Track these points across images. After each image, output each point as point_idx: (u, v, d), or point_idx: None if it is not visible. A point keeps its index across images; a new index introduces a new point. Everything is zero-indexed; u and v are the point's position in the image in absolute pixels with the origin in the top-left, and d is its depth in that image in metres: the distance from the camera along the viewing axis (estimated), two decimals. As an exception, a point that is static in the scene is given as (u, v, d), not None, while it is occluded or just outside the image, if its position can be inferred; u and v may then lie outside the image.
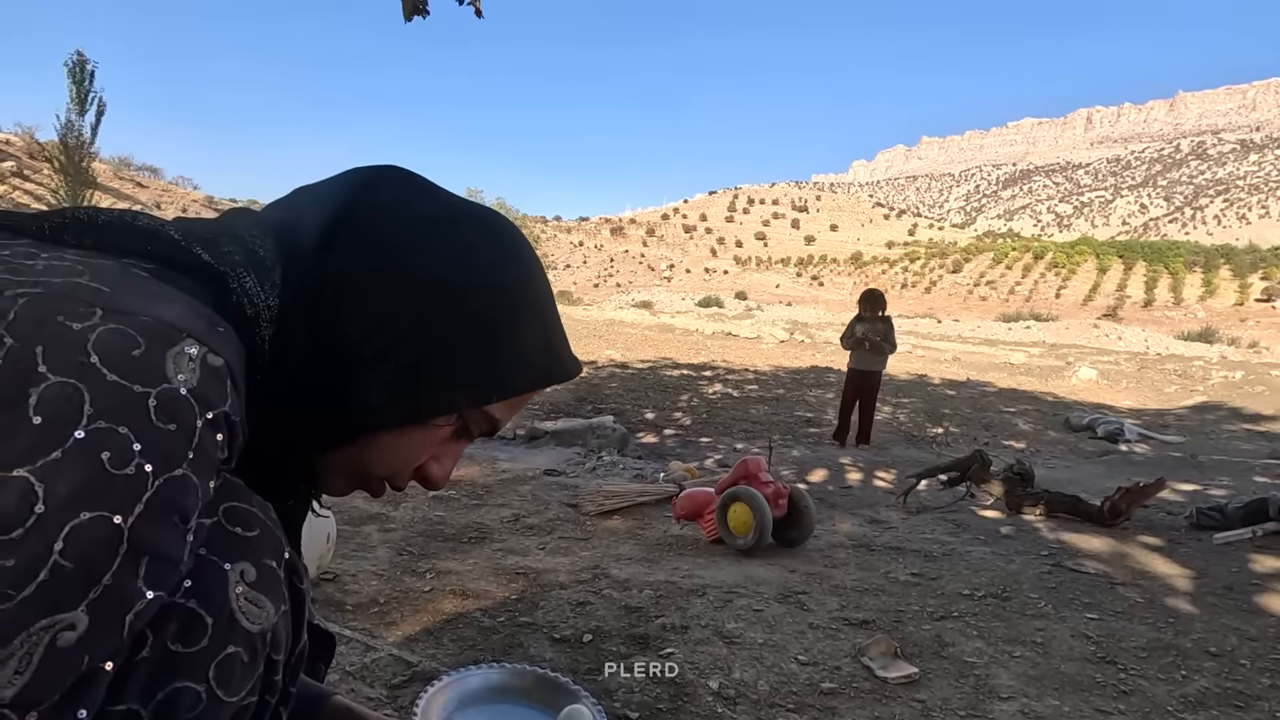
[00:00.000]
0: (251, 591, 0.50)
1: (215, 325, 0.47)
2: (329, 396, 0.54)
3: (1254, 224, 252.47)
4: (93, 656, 0.40)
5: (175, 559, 0.43)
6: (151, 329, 0.43)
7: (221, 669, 0.47)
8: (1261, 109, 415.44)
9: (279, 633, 0.52)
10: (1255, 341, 30.45)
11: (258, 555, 0.51)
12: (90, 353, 0.40)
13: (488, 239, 0.58)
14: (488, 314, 0.56)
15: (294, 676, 0.57)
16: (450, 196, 0.61)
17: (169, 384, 0.42)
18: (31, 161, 28.16)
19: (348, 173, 0.61)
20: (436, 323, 0.55)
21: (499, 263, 0.58)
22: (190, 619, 0.46)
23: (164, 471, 0.41)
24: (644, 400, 7.15)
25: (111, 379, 0.40)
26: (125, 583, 0.40)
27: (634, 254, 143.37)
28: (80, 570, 0.38)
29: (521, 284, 0.59)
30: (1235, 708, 1.54)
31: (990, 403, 8.91)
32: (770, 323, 23.29)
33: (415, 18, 2.97)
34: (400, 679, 1.40)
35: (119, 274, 0.46)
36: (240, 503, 0.51)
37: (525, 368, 0.58)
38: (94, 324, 0.41)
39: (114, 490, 0.39)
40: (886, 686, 1.54)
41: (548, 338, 0.60)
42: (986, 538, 2.88)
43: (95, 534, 0.39)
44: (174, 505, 0.42)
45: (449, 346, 0.55)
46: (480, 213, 0.61)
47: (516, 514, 2.83)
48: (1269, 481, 4.45)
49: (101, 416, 0.39)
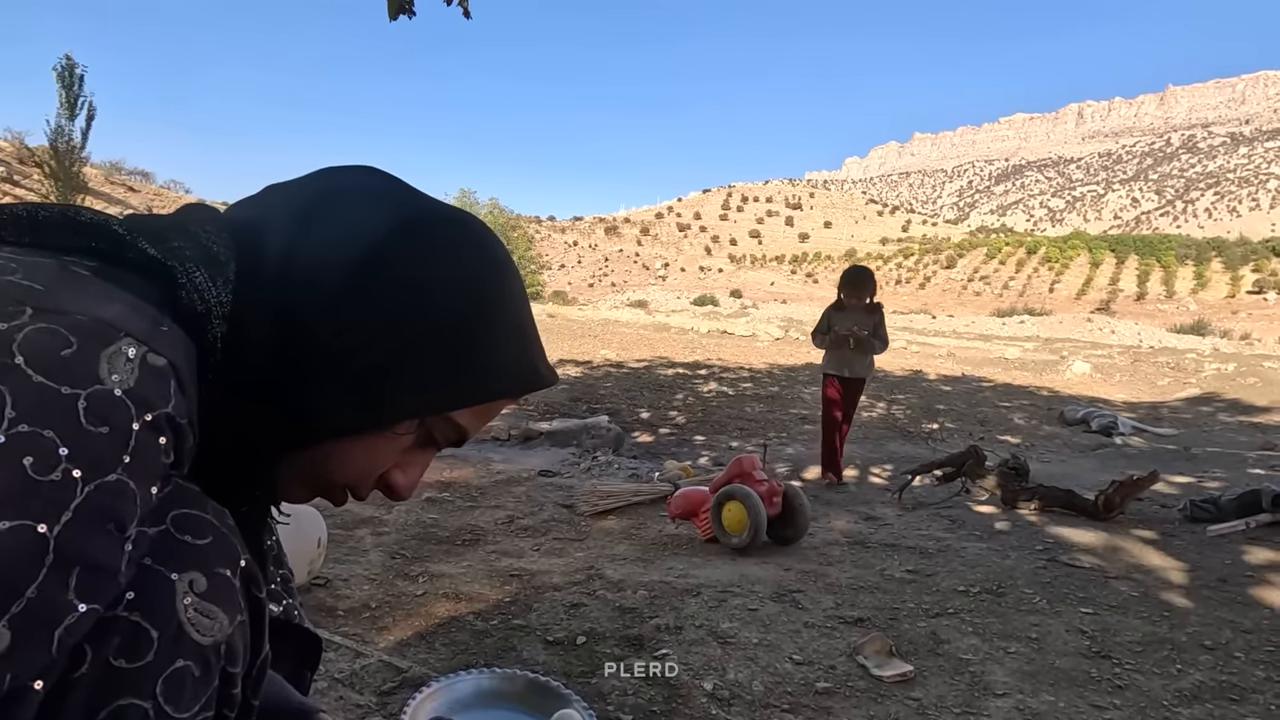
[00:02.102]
0: (202, 602, 0.47)
1: (159, 324, 0.45)
2: (286, 398, 0.51)
3: (1244, 216, 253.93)
4: (16, 674, 0.38)
5: (111, 569, 0.41)
6: (85, 328, 0.41)
7: (170, 684, 0.45)
8: (1251, 102, 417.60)
9: (235, 644, 0.50)
10: (1247, 333, 30.63)
11: (209, 564, 0.48)
12: (15, 353, 0.38)
13: (461, 241, 0.57)
14: (458, 317, 0.54)
15: (255, 689, 0.55)
16: (424, 198, 0.59)
17: (101, 385, 0.40)
18: (21, 167, 28.01)
19: (319, 172, 0.59)
20: (405, 325, 0.53)
21: (472, 266, 0.56)
22: (134, 632, 0.44)
23: (95, 477, 0.39)
24: (639, 399, 7.14)
25: (37, 380, 0.38)
26: (53, 595, 0.38)
27: (628, 253, 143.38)
28: (0, 583, 0.36)
29: (494, 288, 0.57)
30: (1230, 700, 1.53)
31: (985, 398, 8.93)
32: (765, 321, 23.31)
33: (400, 17, 2.95)
34: (390, 685, 1.39)
35: (55, 272, 0.44)
36: (192, 509, 0.49)
37: (495, 375, 0.56)
38: (22, 323, 0.39)
39: (37, 497, 0.37)
40: (882, 685, 1.54)
41: (521, 345, 0.58)
42: (982, 533, 2.88)
43: (15, 544, 0.36)
44: (107, 512, 0.40)
45: (417, 350, 0.53)
46: (454, 214, 0.59)
47: (511, 515, 2.82)
48: (1262, 473, 4.47)
49: (24, 419, 0.37)
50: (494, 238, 0.60)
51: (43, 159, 22.12)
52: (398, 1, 2.93)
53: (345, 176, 0.58)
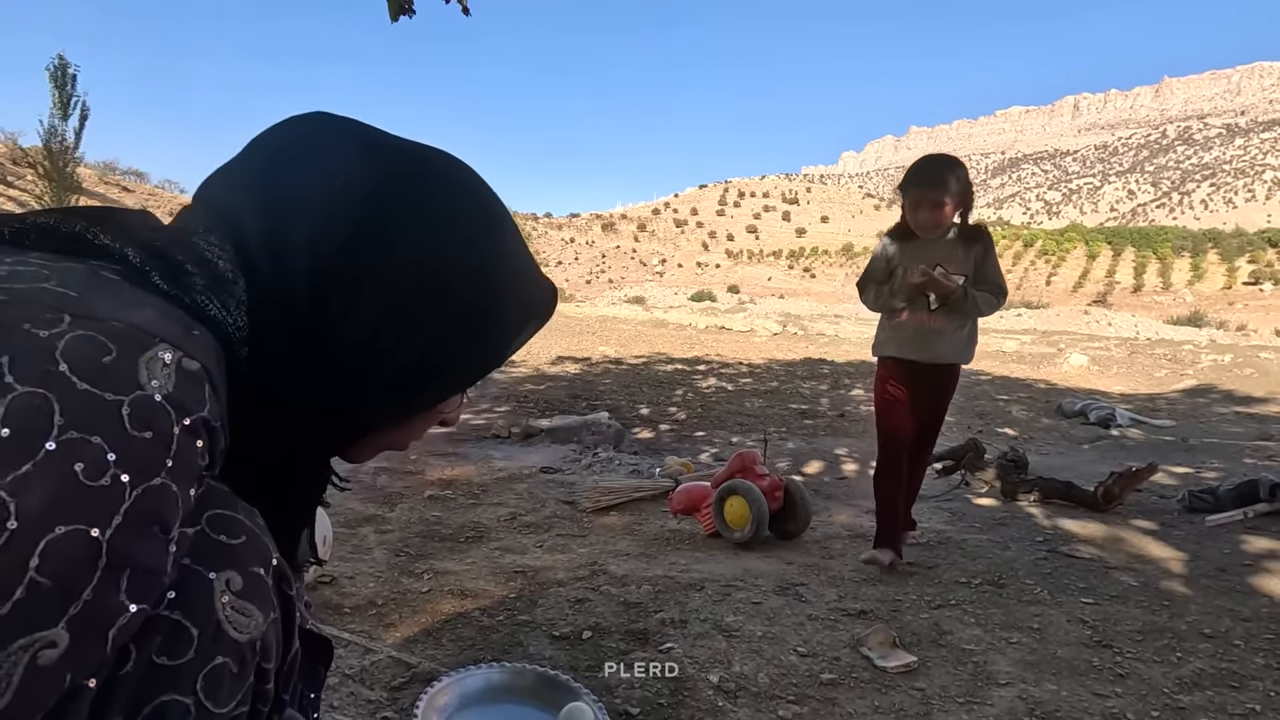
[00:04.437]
0: (238, 600, 0.49)
1: (190, 329, 0.46)
2: (323, 409, 0.53)
3: (1240, 208, 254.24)
4: (75, 674, 0.39)
5: (158, 570, 0.43)
6: (123, 334, 0.42)
7: (209, 680, 0.47)
8: (1246, 93, 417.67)
9: (269, 641, 0.51)
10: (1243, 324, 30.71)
11: (244, 563, 0.50)
12: (59, 361, 0.39)
13: (459, 198, 0.57)
14: (476, 297, 0.56)
15: (287, 684, 0.56)
16: (395, 141, 0.58)
17: (142, 390, 0.41)
18: (14, 167, 27.86)
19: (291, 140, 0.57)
20: (430, 316, 0.54)
21: (477, 234, 0.57)
22: (175, 631, 0.46)
23: (141, 481, 0.40)
24: (639, 396, 7.15)
25: (82, 387, 0.39)
26: (106, 597, 0.39)
27: (625, 250, 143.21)
28: (58, 586, 0.37)
29: (499, 251, 0.58)
30: (1230, 688, 1.55)
31: (984, 391, 8.94)
32: (763, 316, 23.32)
33: (401, 17, 2.95)
34: (400, 681, 1.40)
35: (87, 278, 0.44)
36: (225, 510, 0.50)
37: (515, 331, 0.59)
38: (62, 330, 0.40)
39: (89, 502, 0.38)
40: (886, 676, 1.55)
41: (526, 290, 0.60)
42: (982, 525, 2.90)
43: (72, 549, 0.38)
44: (154, 515, 0.41)
45: (443, 339, 0.54)
46: (436, 161, 0.58)
47: (513, 512, 2.83)
48: (1259, 463, 4.49)
49: (72, 427, 0.38)
50: (476, 179, 0.60)
51: (36, 159, 22.01)
52: (398, 2, 2.93)
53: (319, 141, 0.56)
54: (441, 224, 0.55)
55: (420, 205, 0.55)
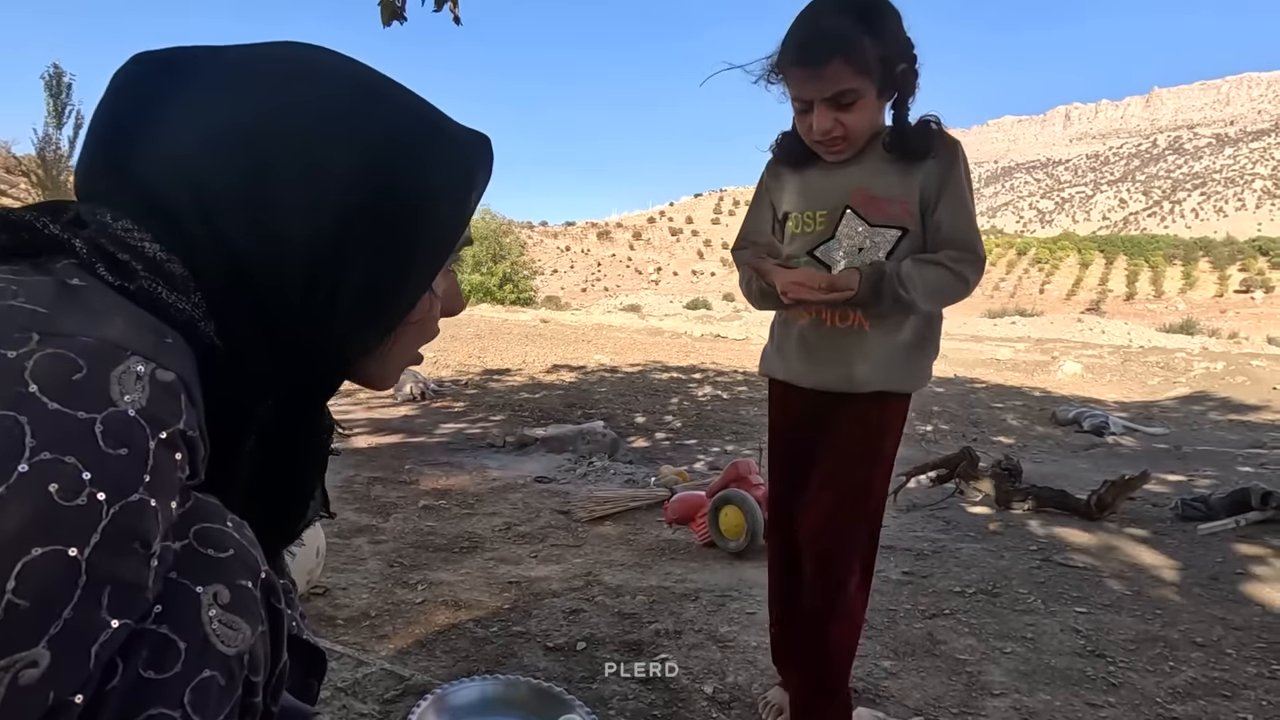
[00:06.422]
0: (225, 614, 0.49)
1: (163, 337, 0.45)
2: (300, 364, 0.54)
3: (1230, 216, 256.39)
4: (58, 691, 0.39)
5: (139, 585, 0.43)
6: (92, 350, 0.41)
7: (197, 694, 0.47)
8: (1235, 104, 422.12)
9: (257, 654, 0.51)
10: (1235, 332, 30.93)
11: (231, 576, 0.50)
12: (28, 381, 0.39)
13: (326, 85, 0.54)
14: (406, 200, 0.55)
15: (275, 697, 0.56)
16: (264, 50, 0.55)
17: (115, 407, 0.41)
18: (8, 176, 27.81)
19: (160, 81, 0.53)
20: (387, 247, 0.54)
21: (390, 131, 0.55)
22: (162, 645, 0.46)
23: (118, 498, 0.40)
24: (634, 404, 7.15)
25: (53, 407, 0.39)
26: (88, 615, 0.40)
27: (621, 258, 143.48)
28: (36, 607, 0.37)
29: (414, 142, 0.56)
30: (1223, 697, 1.56)
31: (978, 399, 8.97)
32: (758, 324, 23.36)
33: (394, 23, 2.97)
34: (393, 693, 1.40)
35: (56, 292, 0.44)
36: (213, 523, 0.50)
37: (458, 212, 0.59)
38: (30, 350, 0.40)
39: (66, 523, 0.38)
40: (879, 686, 1.55)
41: (450, 168, 0.58)
42: (976, 534, 2.90)
43: (50, 569, 0.38)
44: (133, 531, 0.41)
45: (393, 254, 0.55)
46: (326, 65, 0.56)
47: (508, 522, 2.82)
48: (1252, 471, 4.52)
49: (45, 448, 0.38)
50: (361, 68, 0.57)
51: (30, 168, 21.96)
52: (390, 8, 2.94)
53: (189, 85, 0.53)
54: (353, 128, 0.53)
55: (333, 128, 0.52)
